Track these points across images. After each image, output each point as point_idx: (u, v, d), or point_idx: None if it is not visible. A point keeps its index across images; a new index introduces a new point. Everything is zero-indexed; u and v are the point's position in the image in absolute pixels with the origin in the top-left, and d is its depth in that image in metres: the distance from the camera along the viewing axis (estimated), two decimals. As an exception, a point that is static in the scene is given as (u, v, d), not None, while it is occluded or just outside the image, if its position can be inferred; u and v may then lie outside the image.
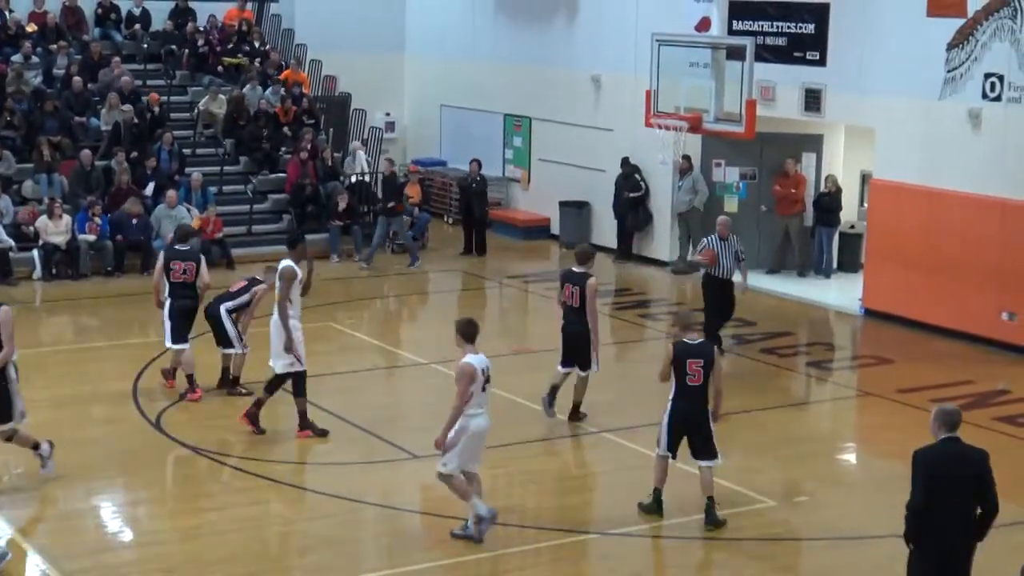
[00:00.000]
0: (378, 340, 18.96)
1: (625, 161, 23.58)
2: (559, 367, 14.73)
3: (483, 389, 11.23)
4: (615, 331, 19.98)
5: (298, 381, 14.00)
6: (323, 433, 14.16)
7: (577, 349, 14.45)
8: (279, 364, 13.89)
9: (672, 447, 11.90)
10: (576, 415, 14.75)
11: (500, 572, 11.18)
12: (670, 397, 11.81)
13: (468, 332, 11.39)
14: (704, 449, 11.85)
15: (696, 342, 11.82)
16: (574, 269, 14.46)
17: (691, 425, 11.82)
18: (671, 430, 11.84)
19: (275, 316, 13.80)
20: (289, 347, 13.75)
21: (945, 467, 8.85)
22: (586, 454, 14.14)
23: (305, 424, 14.14)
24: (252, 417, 14.15)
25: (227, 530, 11.79)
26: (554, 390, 14.74)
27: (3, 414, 12.23)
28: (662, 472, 12.03)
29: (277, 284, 13.92)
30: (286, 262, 13.95)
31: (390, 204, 23.40)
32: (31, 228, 21.78)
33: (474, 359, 11.23)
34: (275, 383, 14.10)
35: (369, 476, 13.25)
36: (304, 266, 14.09)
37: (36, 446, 12.68)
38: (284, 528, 11.90)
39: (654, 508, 12.07)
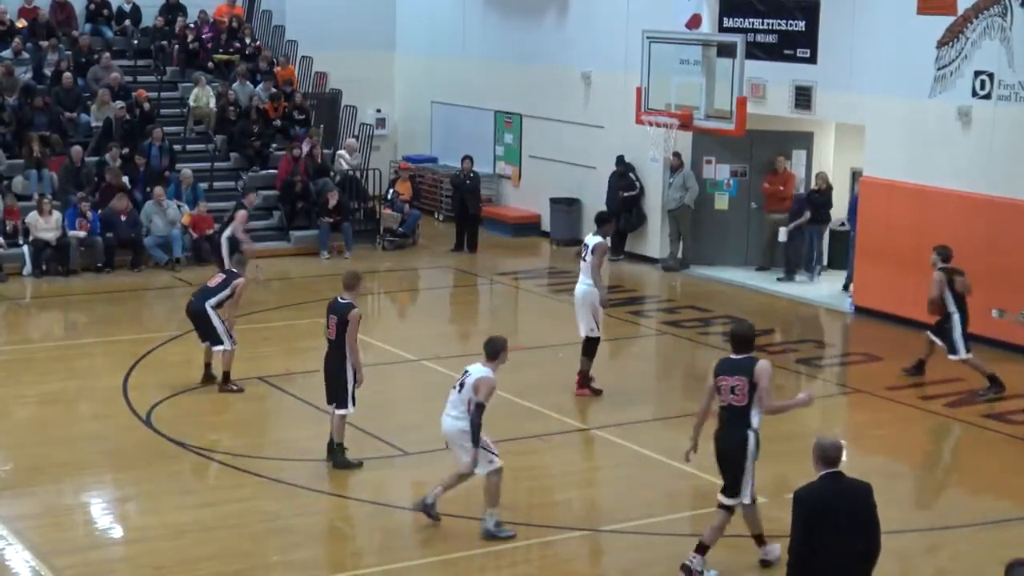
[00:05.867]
0: (368, 337, 18.91)
1: (620, 160, 23.56)
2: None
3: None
4: (607, 328, 19.99)
5: (593, 345, 15.46)
6: (598, 392, 15.51)
7: None
8: (584, 328, 15.42)
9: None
10: None
11: (491, 569, 11.18)
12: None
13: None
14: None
15: None
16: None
17: None
18: None
19: (582, 286, 15.29)
20: (596, 313, 15.28)
21: (825, 506, 8.18)
22: (578, 451, 14.13)
23: (585, 383, 15.52)
24: (586, 387, 15.51)
25: (217, 527, 11.78)
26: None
27: None
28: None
29: (589, 257, 15.22)
30: (598, 238, 15.26)
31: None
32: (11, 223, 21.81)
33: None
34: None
35: (360, 472, 13.22)
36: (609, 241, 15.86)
37: None
38: (274, 524, 11.88)
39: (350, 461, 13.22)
